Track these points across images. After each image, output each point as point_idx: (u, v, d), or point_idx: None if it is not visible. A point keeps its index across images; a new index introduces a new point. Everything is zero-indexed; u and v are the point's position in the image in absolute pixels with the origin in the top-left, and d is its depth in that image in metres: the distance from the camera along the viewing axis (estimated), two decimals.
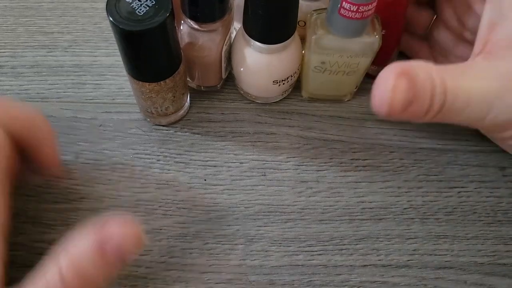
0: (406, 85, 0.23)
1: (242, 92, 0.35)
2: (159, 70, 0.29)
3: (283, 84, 0.33)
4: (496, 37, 0.26)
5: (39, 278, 0.22)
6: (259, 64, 0.31)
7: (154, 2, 0.25)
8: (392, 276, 0.30)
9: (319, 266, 0.30)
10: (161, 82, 0.29)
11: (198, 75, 0.34)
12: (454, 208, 0.32)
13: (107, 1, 0.25)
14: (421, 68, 0.24)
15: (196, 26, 0.30)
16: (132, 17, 0.25)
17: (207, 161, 0.33)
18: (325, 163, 0.33)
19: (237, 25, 0.33)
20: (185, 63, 0.31)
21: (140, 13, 0.25)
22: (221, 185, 0.32)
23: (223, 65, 0.33)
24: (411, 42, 0.36)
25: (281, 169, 0.33)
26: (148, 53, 0.27)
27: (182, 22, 0.30)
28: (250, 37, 0.30)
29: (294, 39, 0.31)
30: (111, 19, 0.25)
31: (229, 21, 0.31)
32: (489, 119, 0.25)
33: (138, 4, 0.25)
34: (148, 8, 0.25)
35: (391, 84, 0.23)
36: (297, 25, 0.30)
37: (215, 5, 0.29)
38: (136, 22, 0.25)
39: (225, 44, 0.31)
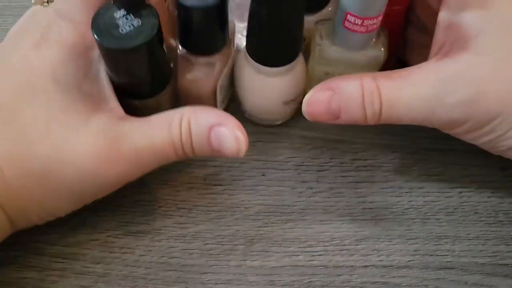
0: (327, 98, 0.25)
1: (246, 115, 0.34)
2: (139, 88, 0.28)
3: (289, 106, 0.32)
4: (452, 38, 0.25)
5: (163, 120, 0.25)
6: (263, 87, 0.30)
7: (140, 23, 0.25)
8: (393, 277, 0.30)
9: (320, 267, 0.30)
10: (143, 100, 0.29)
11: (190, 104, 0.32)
12: (455, 209, 0.32)
13: (95, 13, 0.25)
14: (351, 81, 0.25)
15: (191, 57, 0.29)
16: (115, 33, 0.25)
17: (207, 161, 0.33)
18: (325, 163, 0.33)
19: (237, 24, 0.33)
20: (175, 88, 0.30)
21: (123, 31, 0.25)
22: (221, 185, 0.32)
23: (219, 98, 0.32)
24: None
25: (281, 169, 0.33)
26: (125, 71, 0.27)
27: (180, 49, 0.29)
28: (254, 60, 0.29)
29: (299, 60, 0.30)
30: (93, 31, 0.25)
31: (228, 55, 0.30)
32: (434, 120, 0.25)
33: (124, 22, 0.25)
34: (132, 28, 0.25)
35: (306, 98, 0.26)
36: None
37: (211, 37, 0.28)
38: (116, 39, 0.25)
39: (224, 76, 0.30)
